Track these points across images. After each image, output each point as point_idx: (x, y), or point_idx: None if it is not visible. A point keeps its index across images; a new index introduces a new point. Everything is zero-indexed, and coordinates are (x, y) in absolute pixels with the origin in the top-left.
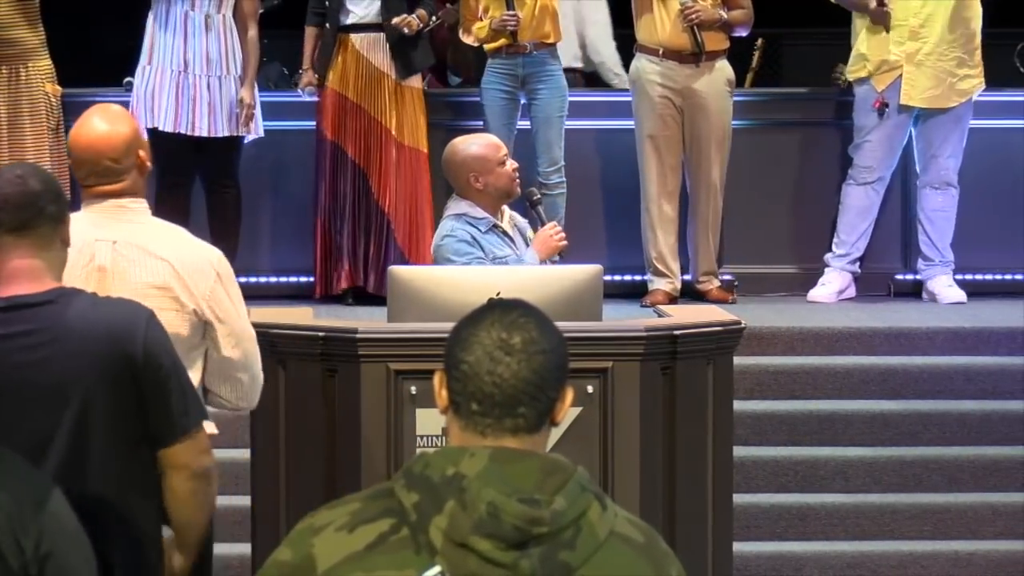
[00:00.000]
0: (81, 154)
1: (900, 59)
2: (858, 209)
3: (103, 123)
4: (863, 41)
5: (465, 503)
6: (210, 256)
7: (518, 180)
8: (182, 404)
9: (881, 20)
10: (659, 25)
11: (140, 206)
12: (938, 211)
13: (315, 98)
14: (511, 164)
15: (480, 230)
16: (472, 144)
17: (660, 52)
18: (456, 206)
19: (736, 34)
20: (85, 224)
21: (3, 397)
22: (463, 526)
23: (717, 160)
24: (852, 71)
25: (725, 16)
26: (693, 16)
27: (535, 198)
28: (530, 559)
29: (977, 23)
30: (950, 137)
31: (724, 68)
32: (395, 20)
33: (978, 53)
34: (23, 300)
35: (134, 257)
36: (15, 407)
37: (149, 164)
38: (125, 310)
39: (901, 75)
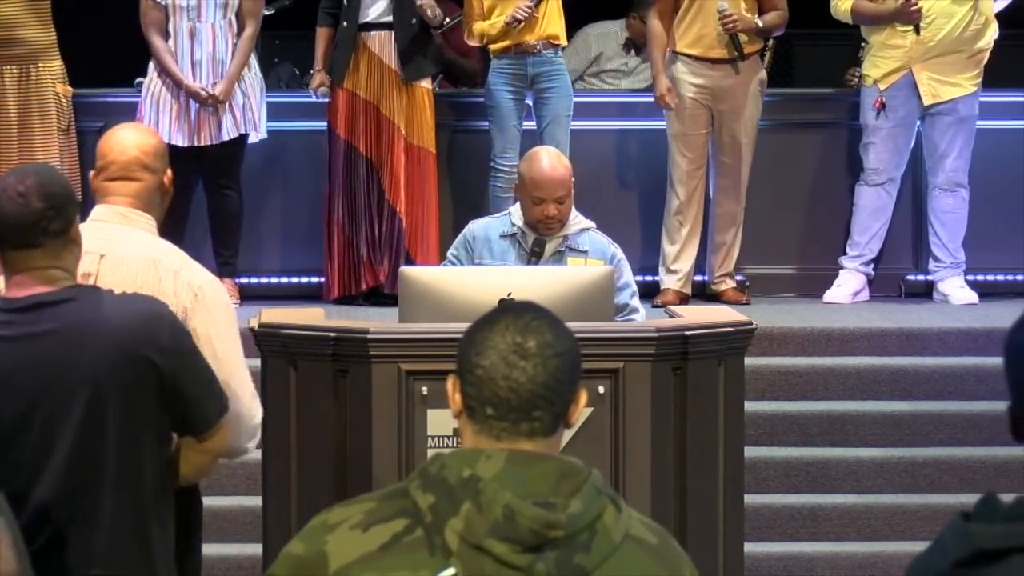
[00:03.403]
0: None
1: (906, 62)
2: (870, 209)
3: (136, 131)
4: (879, 51)
5: (481, 505)
6: (197, 280)
7: (547, 225)
8: (209, 396)
9: (909, 19)
10: (693, 29)
11: (142, 219)
12: (948, 213)
13: (326, 99)
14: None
15: (497, 233)
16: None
17: (693, 55)
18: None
19: (774, 35)
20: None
21: (40, 393)
22: (479, 528)
23: (747, 161)
24: (868, 75)
25: (760, 24)
26: (731, 24)
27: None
28: (546, 562)
29: (985, 42)
30: (955, 138)
31: (757, 70)
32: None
33: (979, 71)
34: (44, 298)
35: (121, 272)
36: (45, 400)
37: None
38: (147, 305)
39: (904, 75)
